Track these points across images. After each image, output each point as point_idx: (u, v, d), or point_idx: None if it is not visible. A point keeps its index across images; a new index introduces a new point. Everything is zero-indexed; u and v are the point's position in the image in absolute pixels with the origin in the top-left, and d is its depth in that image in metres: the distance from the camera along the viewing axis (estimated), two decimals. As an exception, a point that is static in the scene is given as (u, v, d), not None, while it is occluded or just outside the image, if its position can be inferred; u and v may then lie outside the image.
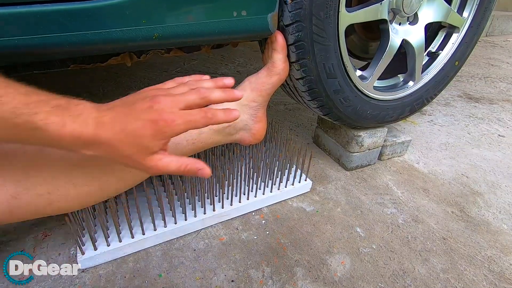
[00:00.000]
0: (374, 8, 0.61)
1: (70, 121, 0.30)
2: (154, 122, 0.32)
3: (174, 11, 0.44)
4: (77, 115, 0.30)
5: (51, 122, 0.29)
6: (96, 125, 0.31)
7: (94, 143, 0.32)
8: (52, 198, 0.40)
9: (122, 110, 0.33)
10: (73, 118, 0.30)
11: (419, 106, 0.83)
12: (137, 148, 0.33)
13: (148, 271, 0.54)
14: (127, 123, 0.32)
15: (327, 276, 0.55)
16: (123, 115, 0.32)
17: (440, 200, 0.75)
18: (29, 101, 0.28)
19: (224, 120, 0.36)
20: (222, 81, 0.39)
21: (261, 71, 0.59)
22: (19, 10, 0.36)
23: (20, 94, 0.28)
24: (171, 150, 0.43)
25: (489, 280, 0.56)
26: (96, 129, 0.31)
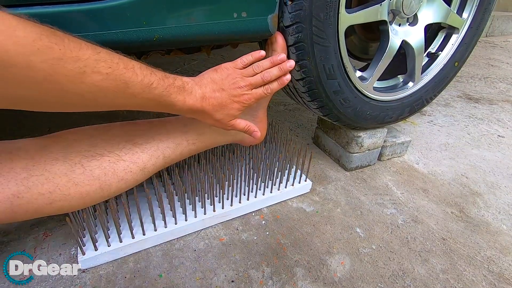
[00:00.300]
0: (374, 9, 0.61)
1: (188, 97, 0.44)
2: (239, 102, 0.50)
3: (175, 13, 0.45)
4: (190, 93, 0.44)
5: (178, 100, 0.43)
6: (201, 100, 0.46)
7: (200, 111, 0.47)
8: (54, 197, 0.40)
9: (216, 88, 0.48)
10: (188, 95, 0.44)
11: (418, 107, 0.83)
12: (225, 115, 0.50)
13: (148, 272, 0.54)
14: (221, 99, 0.48)
15: (327, 277, 0.55)
16: (218, 93, 0.48)
17: (439, 200, 0.75)
18: (166, 85, 0.41)
19: (278, 87, 0.55)
20: (277, 59, 0.54)
21: None
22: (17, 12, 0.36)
23: (160, 79, 0.40)
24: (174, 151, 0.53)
25: (489, 280, 0.56)
26: (202, 103, 0.46)
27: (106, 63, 0.33)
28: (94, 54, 0.32)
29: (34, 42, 0.28)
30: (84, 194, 0.43)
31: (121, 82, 0.35)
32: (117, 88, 0.35)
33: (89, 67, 0.32)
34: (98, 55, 0.33)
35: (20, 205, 0.39)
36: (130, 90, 0.36)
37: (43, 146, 0.42)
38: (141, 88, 0.37)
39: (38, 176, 0.39)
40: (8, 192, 0.37)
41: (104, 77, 0.33)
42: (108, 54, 0.34)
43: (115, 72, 0.34)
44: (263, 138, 0.65)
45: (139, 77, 0.37)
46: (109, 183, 0.45)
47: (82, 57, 0.31)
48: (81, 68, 0.31)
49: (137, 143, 0.48)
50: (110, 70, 0.33)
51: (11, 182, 0.38)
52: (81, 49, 0.31)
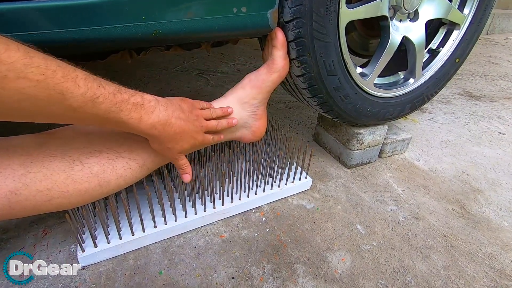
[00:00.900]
0: (374, 5, 0.61)
1: (146, 117, 0.41)
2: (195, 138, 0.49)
3: (174, 8, 0.44)
4: (151, 112, 0.41)
5: (131, 118, 0.39)
6: (165, 123, 0.43)
7: (156, 135, 0.43)
8: (52, 194, 0.40)
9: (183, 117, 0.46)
10: (147, 114, 0.41)
11: (419, 104, 0.83)
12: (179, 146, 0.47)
13: (148, 268, 0.54)
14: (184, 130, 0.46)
15: (328, 273, 0.55)
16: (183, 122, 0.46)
17: (440, 197, 0.75)
18: (116, 100, 0.37)
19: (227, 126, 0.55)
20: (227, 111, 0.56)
21: (261, 69, 0.59)
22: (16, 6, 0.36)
23: (109, 94, 0.36)
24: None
25: (490, 277, 0.56)
26: (164, 127, 0.43)
27: (39, 69, 0.30)
28: (25, 58, 0.29)
29: None
30: (83, 191, 0.42)
31: (56, 91, 0.31)
32: (50, 98, 0.31)
33: (13, 72, 0.28)
34: (29, 60, 0.29)
35: (18, 202, 0.38)
36: (67, 102, 0.33)
37: (41, 143, 0.42)
38: (82, 101, 0.33)
39: (36, 173, 0.39)
40: (5, 189, 0.37)
41: (34, 84, 0.30)
42: (45, 60, 0.31)
43: (48, 80, 0.30)
44: (263, 135, 0.65)
45: (81, 89, 0.33)
46: (108, 180, 0.44)
47: (6, 60, 0.28)
48: (1, 72, 0.28)
49: (136, 140, 0.48)
50: (42, 77, 0.30)
51: (8, 179, 0.37)
52: (7, 51, 0.28)
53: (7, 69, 0.28)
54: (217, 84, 1.32)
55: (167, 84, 1.29)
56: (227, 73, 1.45)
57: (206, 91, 1.25)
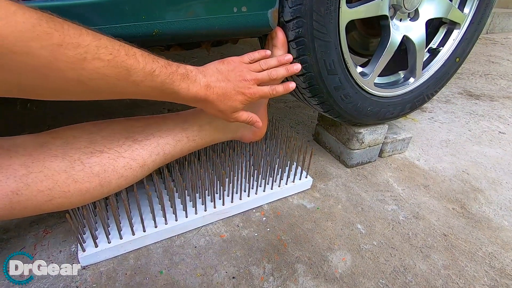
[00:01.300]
0: (375, 4, 0.61)
1: (192, 86, 0.43)
2: (244, 94, 0.49)
3: (174, 7, 0.44)
4: (194, 81, 0.44)
5: (182, 88, 0.42)
6: (206, 88, 0.45)
7: (203, 100, 0.46)
8: (53, 194, 0.40)
9: (222, 78, 0.47)
10: (192, 83, 0.43)
11: (419, 103, 0.83)
12: (229, 106, 0.48)
13: (149, 268, 0.54)
14: (226, 90, 0.47)
15: (328, 273, 0.55)
16: (223, 83, 0.47)
17: (441, 196, 0.75)
18: (168, 72, 0.40)
19: (283, 92, 0.54)
20: (284, 58, 0.54)
21: None
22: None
23: (162, 67, 0.39)
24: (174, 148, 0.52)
25: (490, 276, 0.56)
26: (206, 91, 0.45)
27: (107, 49, 0.33)
28: (95, 40, 0.32)
29: (34, 27, 0.27)
30: (83, 191, 0.43)
31: (123, 69, 0.34)
32: (119, 75, 0.34)
33: (90, 53, 0.31)
34: (99, 42, 0.32)
35: (19, 202, 0.38)
36: (132, 78, 0.36)
37: (42, 143, 0.42)
38: (143, 76, 0.37)
39: (37, 173, 0.39)
40: (7, 189, 0.37)
41: (106, 63, 0.33)
42: (109, 41, 0.33)
43: (116, 58, 0.33)
44: (264, 135, 0.65)
45: (141, 64, 0.36)
46: (108, 180, 0.45)
47: (83, 43, 0.31)
48: (81, 55, 0.31)
49: (137, 139, 0.48)
50: (111, 56, 0.33)
51: (9, 179, 0.37)
52: (81, 35, 0.31)
53: (85, 51, 0.31)
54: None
55: (167, 84, 1.29)
56: (227, 73, 1.45)
57: (206, 90, 1.25)
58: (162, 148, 0.50)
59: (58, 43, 0.29)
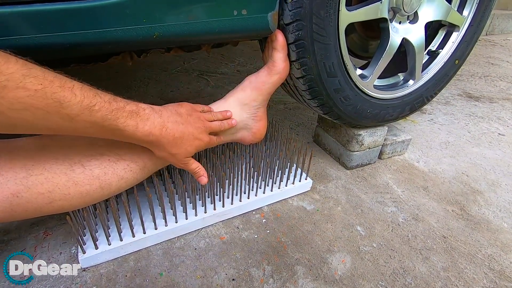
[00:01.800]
0: (374, 7, 0.61)
1: (142, 124, 0.41)
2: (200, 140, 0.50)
3: (175, 10, 0.44)
4: (145, 119, 0.41)
5: (128, 125, 0.39)
6: (160, 129, 0.43)
7: (155, 141, 0.43)
8: (53, 196, 0.40)
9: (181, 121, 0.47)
10: (143, 121, 0.41)
11: (419, 105, 0.83)
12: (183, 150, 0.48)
13: (149, 270, 0.54)
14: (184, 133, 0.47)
15: (328, 275, 0.55)
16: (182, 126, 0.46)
17: (440, 198, 0.75)
18: (112, 108, 0.37)
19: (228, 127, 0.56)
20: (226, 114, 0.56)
21: (262, 70, 0.59)
22: (20, 10, 0.36)
23: (105, 102, 0.37)
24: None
25: (490, 278, 0.56)
26: (161, 132, 0.43)
27: (37, 79, 0.31)
28: (23, 69, 0.30)
29: None
30: (84, 193, 0.43)
31: (53, 100, 0.32)
32: (47, 107, 0.32)
33: (12, 82, 0.29)
34: (27, 71, 0.30)
35: (19, 204, 0.38)
36: (65, 111, 0.33)
37: (43, 145, 0.42)
38: (79, 109, 0.34)
39: (37, 176, 0.39)
40: (7, 192, 0.37)
41: (32, 93, 0.31)
42: (42, 72, 0.32)
43: (46, 89, 0.31)
44: (263, 137, 0.65)
45: (77, 98, 0.34)
46: (109, 182, 0.45)
47: (5, 71, 0.29)
48: (1, 82, 0.29)
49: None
50: (40, 86, 0.31)
51: (10, 181, 0.38)
52: (6, 63, 0.29)
53: (6, 79, 0.29)
54: (217, 85, 1.33)
55: (167, 85, 1.29)
56: (227, 74, 1.45)
57: (206, 92, 1.25)
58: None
59: None
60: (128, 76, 1.37)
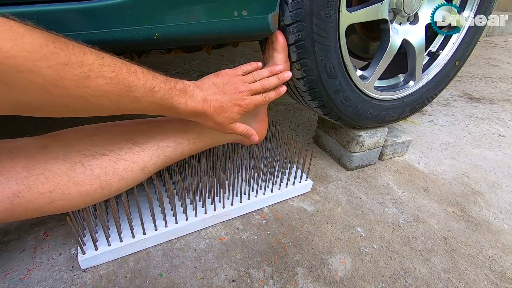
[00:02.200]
0: (374, 8, 0.61)
1: (190, 100, 0.44)
2: (240, 105, 0.51)
3: (175, 11, 0.44)
4: (191, 95, 0.45)
5: (180, 102, 0.43)
6: (203, 102, 0.46)
7: (201, 114, 0.47)
8: (54, 196, 0.40)
9: (218, 91, 0.49)
10: (190, 98, 0.45)
11: (419, 106, 0.83)
12: (226, 118, 0.50)
13: (149, 271, 0.54)
14: (223, 103, 0.49)
15: (328, 276, 0.55)
16: (220, 96, 0.49)
17: (441, 200, 0.75)
18: (167, 88, 0.41)
19: (275, 96, 0.56)
20: (275, 69, 0.55)
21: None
22: (20, 10, 0.36)
23: (162, 83, 0.40)
24: (174, 150, 0.53)
25: (491, 279, 0.56)
26: (203, 105, 0.46)
27: (110, 67, 0.34)
28: (98, 59, 0.33)
29: (41, 48, 0.28)
30: (84, 193, 0.43)
31: (124, 86, 0.35)
32: (120, 92, 0.35)
33: (93, 72, 0.32)
34: (102, 60, 0.33)
35: (20, 204, 0.38)
36: (133, 94, 0.37)
37: (44, 145, 0.42)
38: (144, 92, 0.38)
39: (38, 175, 0.39)
40: (8, 191, 0.37)
41: (108, 81, 0.34)
42: (111, 59, 0.35)
43: (118, 76, 0.35)
44: (264, 138, 0.65)
45: (141, 81, 0.37)
46: (109, 183, 0.45)
47: (87, 62, 0.32)
48: (85, 73, 0.32)
49: (138, 142, 0.48)
50: (113, 74, 0.34)
51: (11, 181, 0.38)
52: (85, 54, 0.32)
53: (89, 70, 0.32)
54: (217, 86, 1.32)
55: (168, 86, 1.29)
56: (227, 75, 1.45)
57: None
58: (163, 150, 0.51)
59: (64, 62, 0.30)
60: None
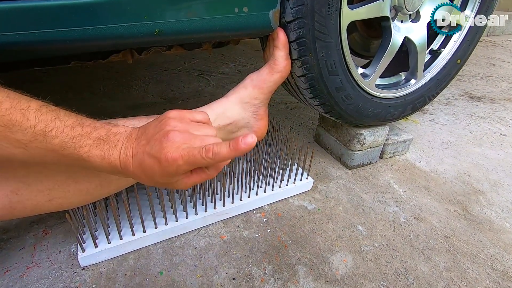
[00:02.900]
0: (376, 5, 0.61)
1: (108, 153, 0.33)
2: (159, 161, 0.32)
3: (175, 7, 0.44)
4: (114, 146, 0.33)
5: (93, 155, 0.32)
6: (125, 157, 0.34)
7: (124, 172, 0.34)
8: (53, 194, 0.40)
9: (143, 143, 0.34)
10: (111, 149, 0.33)
11: (421, 105, 0.83)
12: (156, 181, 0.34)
13: (149, 269, 0.53)
14: (143, 159, 0.33)
15: (329, 274, 0.54)
16: (141, 149, 0.33)
17: (442, 198, 0.75)
18: (74, 134, 0.31)
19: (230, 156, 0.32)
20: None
21: (263, 69, 0.59)
22: (20, 5, 0.36)
23: (67, 127, 0.31)
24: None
25: (492, 278, 0.56)
26: (124, 161, 0.34)
27: None
28: None
29: None
30: (84, 191, 0.42)
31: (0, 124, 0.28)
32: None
33: None
34: None
35: (19, 202, 0.38)
36: (14, 136, 0.29)
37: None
38: (32, 135, 0.30)
39: (37, 173, 0.39)
40: (7, 189, 0.37)
41: None
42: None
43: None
44: (264, 136, 0.64)
45: (30, 122, 0.29)
46: (109, 180, 0.44)
47: None
48: None
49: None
50: None
51: (10, 179, 0.37)
52: None
53: None
54: (217, 85, 1.32)
55: (168, 85, 1.29)
56: (227, 74, 1.45)
57: (206, 92, 1.25)
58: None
59: None
60: (128, 75, 1.37)
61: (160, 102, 1.14)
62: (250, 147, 0.31)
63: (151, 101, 1.15)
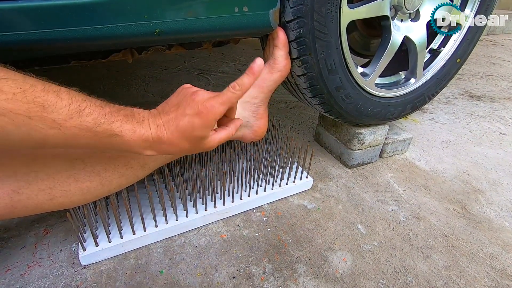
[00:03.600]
0: (376, 5, 0.61)
1: (138, 127, 0.35)
2: (198, 114, 0.37)
3: (175, 7, 0.44)
4: (141, 121, 0.36)
5: (125, 129, 0.34)
6: (156, 128, 0.37)
7: (157, 142, 0.37)
8: (54, 193, 0.40)
9: (172, 110, 0.38)
10: (139, 124, 0.36)
11: (420, 104, 0.83)
12: (192, 140, 0.38)
13: (149, 268, 0.54)
14: (178, 121, 0.37)
15: (329, 273, 0.55)
16: (173, 115, 0.37)
17: (441, 197, 0.75)
18: (105, 112, 0.33)
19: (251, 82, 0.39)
20: None
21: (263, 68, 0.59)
22: (21, 5, 0.36)
23: (97, 106, 0.33)
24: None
25: (491, 277, 0.56)
26: (157, 131, 0.36)
27: (15, 82, 0.28)
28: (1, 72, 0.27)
29: None
30: (84, 190, 0.43)
31: (35, 104, 0.28)
32: (29, 112, 0.28)
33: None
34: (5, 74, 0.27)
35: (20, 201, 0.38)
36: (50, 115, 0.29)
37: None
38: (67, 114, 0.30)
39: (38, 172, 0.39)
40: (8, 188, 0.37)
41: (9, 97, 0.27)
42: (22, 76, 0.29)
43: (26, 92, 0.28)
44: (264, 135, 0.65)
45: (64, 101, 0.30)
46: (109, 179, 0.45)
47: None
48: None
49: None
50: (19, 90, 0.28)
51: (11, 177, 0.38)
52: None
53: None
54: (217, 84, 1.32)
55: (168, 84, 1.29)
56: (228, 73, 1.45)
57: (207, 91, 1.25)
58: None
59: None
60: (128, 74, 1.37)
61: (160, 101, 1.14)
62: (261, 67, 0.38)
63: (151, 100, 1.15)
